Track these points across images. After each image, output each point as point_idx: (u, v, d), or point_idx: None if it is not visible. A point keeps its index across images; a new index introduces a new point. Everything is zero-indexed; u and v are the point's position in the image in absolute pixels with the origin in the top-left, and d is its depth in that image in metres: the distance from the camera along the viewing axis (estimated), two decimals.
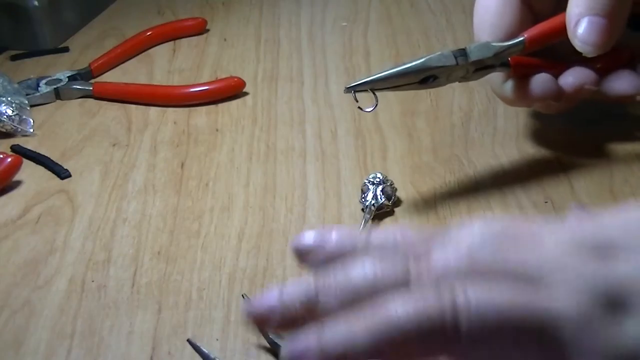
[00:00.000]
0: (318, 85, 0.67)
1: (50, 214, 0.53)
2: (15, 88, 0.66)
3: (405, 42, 0.73)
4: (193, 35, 0.79)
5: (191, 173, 0.56)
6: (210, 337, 0.42)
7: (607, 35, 0.44)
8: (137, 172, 0.57)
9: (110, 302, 0.45)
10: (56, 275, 0.47)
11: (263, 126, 0.62)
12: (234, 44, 0.76)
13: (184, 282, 0.46)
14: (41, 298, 0.45)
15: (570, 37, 0.45)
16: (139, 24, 0.79)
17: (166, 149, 0.59)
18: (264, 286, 0.45)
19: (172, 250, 0.48)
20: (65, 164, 0.58)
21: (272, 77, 0.69)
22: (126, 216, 0.52)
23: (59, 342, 0.42)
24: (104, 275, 0.47)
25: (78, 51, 0.77)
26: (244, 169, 0.56)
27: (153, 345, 0.41)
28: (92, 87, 0.68)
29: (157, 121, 0.64)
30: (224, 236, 0.49)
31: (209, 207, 0.52)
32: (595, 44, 0.44)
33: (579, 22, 0.44)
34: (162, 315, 0.43)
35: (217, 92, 0.66)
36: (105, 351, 0.41)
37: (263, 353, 0.40)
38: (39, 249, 0.49)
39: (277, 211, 0.51)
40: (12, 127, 0.62)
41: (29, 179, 0.57)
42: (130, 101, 0.67)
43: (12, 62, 0.75)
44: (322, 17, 0.81)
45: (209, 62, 0.73)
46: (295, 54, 0.73)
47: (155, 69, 0.73)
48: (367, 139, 0.58)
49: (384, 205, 0.49)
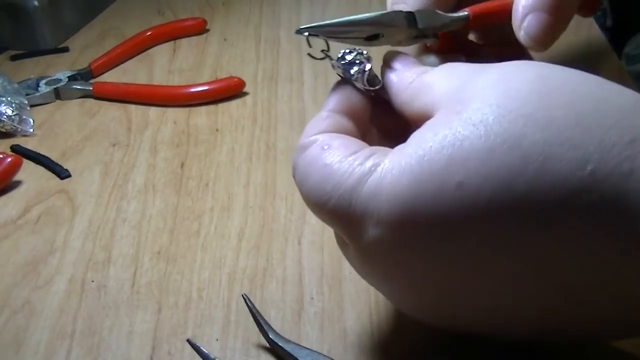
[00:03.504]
0: (318, 85, 0.67)
1: (50, 214, 0.53)
2: (15, 88, 0.66)
3: None
4: (193, 35, 0.79)
5: (191, 173, 0.56)
6: (210, 337, 0.42)
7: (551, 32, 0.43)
8: (137, 172, 0.57)
9: (110, 302, 0.45)
10: (56, 275, 0.47)
11: (263, 126, 0.62)
12: (234, 43, 0.76)
13: (184, 282, 0.46)
14: (41, 298, 0.45)
15: (515, 29, 0.44)
16: (139, 24, 0.79)
17: (166, 149, 0.59)
18: (264, 286, 0.45)
19: (172, 250, 0.48)
20: (65, 164, 0.58)
21: (272, 77, 0.69)
22: (126, 216, 0.52)
23: (59, 342, 0.42)
24: (104, 275, 0.47)
25: (78, 51, 0.77)
26: (244, 169, 0.56)
27: (153, 345, 0.41)
28: (92, 87, 0.68)
29: (157, 121, 0.64)
30: (224, 236, 0.49)
31: (209, 207, 0.52)
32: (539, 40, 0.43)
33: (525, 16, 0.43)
34: (162, 315, 0.43)
35: (217, 92, 0.66)
36: (105, 351, 0.41)
37: (263, 353, 0.40)
38: (39, 249, 0.49)
39: (277, 211, 0.51)
40: (12, 127, 0.62)
41: (29, 179, 0.57)
42: (130, 101, 0.67)
43: (12, 62, 0.75)
44: (322, 17, 0.81)
45: (209, 62, 0.73)
46: (295, 54, 0.73)
47: (155, 69, 0.73)
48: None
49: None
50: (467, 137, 0.30)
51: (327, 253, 0.47)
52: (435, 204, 0.30)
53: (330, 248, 0.47)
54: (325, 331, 0.41)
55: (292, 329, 0.41)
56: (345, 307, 0.43)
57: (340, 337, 0.41)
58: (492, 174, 0.29)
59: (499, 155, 0.29)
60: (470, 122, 0.31)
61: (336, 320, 0.42)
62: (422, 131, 0.32)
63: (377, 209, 0.32)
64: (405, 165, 0.31)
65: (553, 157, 0.29)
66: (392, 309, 0.42)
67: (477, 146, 0.30)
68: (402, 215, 0.31)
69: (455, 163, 0.30)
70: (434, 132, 0.32)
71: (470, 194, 0.30)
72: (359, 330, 0.41)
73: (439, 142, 0.31)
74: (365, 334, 0.41)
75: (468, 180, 0.30)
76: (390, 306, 0.42)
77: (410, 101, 0.36)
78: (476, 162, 0.30)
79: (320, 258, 0.47)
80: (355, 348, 0.40)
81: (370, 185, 0.32)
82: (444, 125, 0.32)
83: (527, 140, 0.29)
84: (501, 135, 0.30)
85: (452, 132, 0.31)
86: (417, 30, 0.41)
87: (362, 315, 0.42)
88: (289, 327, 0.42)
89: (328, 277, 0.45)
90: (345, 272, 0.45)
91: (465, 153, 0.30)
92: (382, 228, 0.32)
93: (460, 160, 0.30)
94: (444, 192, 0.30)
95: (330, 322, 0.42)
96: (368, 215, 0.32)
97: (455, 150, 0.30)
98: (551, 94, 0.31)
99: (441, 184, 0.30)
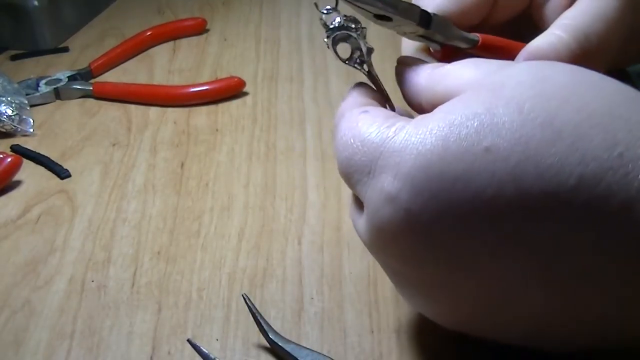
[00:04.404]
0: (318, 85, 0.67)
1: (50, 214, 0.53)
2: (15, 88, 0.66)
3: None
4: (193, 35, 0.79)
5: (191, 173, 0.56)
6: (210, 337, 0.42)
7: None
8: (137, 172, 0.57)
9: (110, 302, 0.45)
10: (56, 275, 0.47)
11: (263, 126, 0.62)
12: (234, 43, 0.77)
13: (184, 282, 0.46)
14: (41, 298, 0.45)
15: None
16: (139, 24, 0.79)
17: (166, 149, 0.59)
18: (264, 286, 0.45)
19: (172, 250, 0.48)
20: (65, 164, 0.58)
21: (272, 77, 0.69)
22: (126, 216, 0.52)
23: (59, 342, 0.42)
24: (104, 275, 0.47)
25: (78, 51, 0.77)
26: (244, 169, 0.56)
27: (153, 345, 0.41)
28: (92, 87, 0.68)
29: (157, 121, 0.64)
30: (224, 236, 0.49)
31: (209, 207, 0.52)
32: None
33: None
34: (162, 315, 0.43)
35: (217, 92, 0.66)
36: (105, 351, 0.41)
37: (263, 353, 0.40)
38: (39, 249, 0.49)
39: (277, 211, 0.51)
40: (12, 127, 0.62)
41: (29, 179, 0.57)
42: (130, 101, 0.67)
43: (12, 62, 0.75)
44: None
45: (209, 62, 0.73)
46: (295, 54, 0.73)
47: (155, 69, 0.73)
48: None
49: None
50: (498, 107, 0.31)
51: (327, 253, 0.47)
52: (460, 164, 0.31)
53: (330, 248, 0.47)
54: (325, 331, 0.41)
55: (292, 329, 0.41)
56: (345, 307, 0.43)
57: (340, 337, 0.41)
58: (521, 143, 0.30)
59: (530, 128, 0.30)
60: (503, 97, 0.31)
61: (336, 320, 0.42)
62: (450, 103, 0.33)
63: (399, 163, 0.32)
64: (432, 128, 0.32)
65: (584, 137, 0.30)
66: (391, 309, 0.42)
67: (509, 117, 0.31)
68: (425, 174, 0.31)
69: (484, 129, 0.31)
70: (464, 103, 0.32)
71: (498, 159, 0.30)
72: (359, 330, 0.41)
73: (470, 110, 0.31)
74: (365, 334, 0.41)
75: (496, 146, 0.30)
76: (390, 306, 0.42)
77: (432, 86, 0.37)
78: (507, 131, 0.30)
79: (320, 258, 0.47)
80: (355, 348, 0.40)
81: (395, 142, 0.33)
82: (474, 98, 0.32)
83: (559, 120, 0.30)
84: (534, 111, 0.30)
85: (483, 104, 0.31)
86: (426, 31, 0.41)
87: (362, 315, 0.42)
88: (289, 327, 0.42)
89: (328, 277, 0.45)
90: (345, 272, 0.45)
91: (496, 120, 0.31)
92: (401, 182, 0.32)
93: (490, 126, 0.31)
94: (470, 155, 0.30)
95: (330, 322, 0.42)
96: (390, 168, 0.32)
97: (486, 118, 0.31)
98: (584, 84, 0.32)
99: (468, 147, 0.31)
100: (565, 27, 0.39)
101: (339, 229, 0.49)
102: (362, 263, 0.46)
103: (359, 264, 0.46)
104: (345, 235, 0.48)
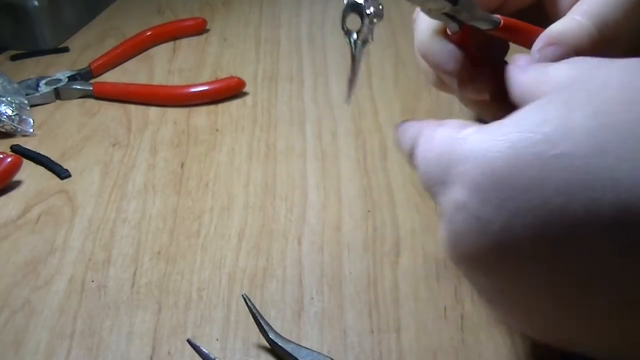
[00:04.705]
0: (318, 85, 0.67)
1: (50, 214, 0.53)
2: (15, 88, 0.66)
3: (405, 41, 0.73)
4: (193, 35, 0.79)
5: (191, 173, 0.56)
6: (210, 337, 0.42)
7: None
8: (137, 172, 0.57)
9: (110, 302, 0.45)
10: (56, 275, 0.47)
11: (263, 126, 0.62)
12: (234, 44, 0.77)
13: (184, 282, 0.46)
14: (41, 298, 0.45)
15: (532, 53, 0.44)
16: (139, 24, 0.79)
17: (166, 149, 0.60)
18: (264, 286, 0.45)
19: (172, 250, 0.48)
20: (65, 164, 0.58)
21: (272, 77, 0.69)
22: (126, 216, 0.52)
23: (59, 342, 0.42)
24: (104, 275, 0.47)
25: (78, 51, 0.77)
26: (244, 169, 0.56)
27: (153, 345, 0.41)
28: (92, 87, 0.68)
29: (157, 121, 0.64)
30: (224, 236, 0.49)
31: (209, 207, 0.52)
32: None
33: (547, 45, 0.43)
34: (162, 315, 0.43)
35: (217, 92, 0.66)
36: (105, 351, 0.41)
37: (263, 353, 0.40)
38: (39, 249, 0.49)
39: (277, 211, 0.51)
40: (12, 127, 0.62)
41: (29, 179, 0.57)
42: (130, 101, 0.67)
43: (12, 62, 0.75)
44: (322, 17, 0.81)
45: (209, 62, 0.73)
46: (295, 54, 0.73)
47: (155, 69, 0.73)
48: (367, 139, 0.58)
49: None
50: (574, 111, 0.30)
51: (327, 253, 0.47)
52: (527, 171, 0.30)
53: (330, 248, 0.47)
54: (325, 331, 0.41)
55: (292, 329, 0.41)
56: (345, 307, 0.43)
57: (340, 337, 0.41)
58: (598, 150, 0.29)
59: (608, 133, 0.29)
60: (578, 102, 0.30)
61: (336, 321, 0.42)
62: (524, 109, 0.32)
63: (466, 170, 0.31)
64: (500, 134, 0.31)
65: None
66: (391, 309, 0.42)
67: (585, 122, 0.29)
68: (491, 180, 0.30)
69: (557, 134, 0.30)
70: (538, 108, 0.31)
71: (570, 165, 0.29)
72: (359, 330, 0.41)
73: (543, 116, 0.30)
74: (365, 334, 0.41)
75: (569, 152, 0.29)
76: (390, 306, 0.42)
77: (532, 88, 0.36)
78: (582, 136, 0.29)
79: (320, 258, 0.47)
80: (355, 348, 0.40)
81: (464, 150, 0.32)
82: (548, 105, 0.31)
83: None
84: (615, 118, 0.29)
85: (558, 110, 0.30)
86: (452, 8, 0.40)
87: (362, 315, 0.42)
88: (289, 327, 0.42)
89: (328, 277, 0.45)
90: (345, 272, 0.45)
91: (571, 124, 0.29)
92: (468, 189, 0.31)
93: (563, 131, 0.29)
94: (539, 162, 0.29)
95: (330, 322, 0.42)
96: (459, 176, 0.32)
97: (561, 122, 0.30)
98: None
99: (537, 153, 0.30)
100: (585, 12, 0.39)
101: (339, 229, 0.49)
102: (362, 263, 0.46)
103: (359, 264, 0.46)
104: (345, 235, 0.48)
